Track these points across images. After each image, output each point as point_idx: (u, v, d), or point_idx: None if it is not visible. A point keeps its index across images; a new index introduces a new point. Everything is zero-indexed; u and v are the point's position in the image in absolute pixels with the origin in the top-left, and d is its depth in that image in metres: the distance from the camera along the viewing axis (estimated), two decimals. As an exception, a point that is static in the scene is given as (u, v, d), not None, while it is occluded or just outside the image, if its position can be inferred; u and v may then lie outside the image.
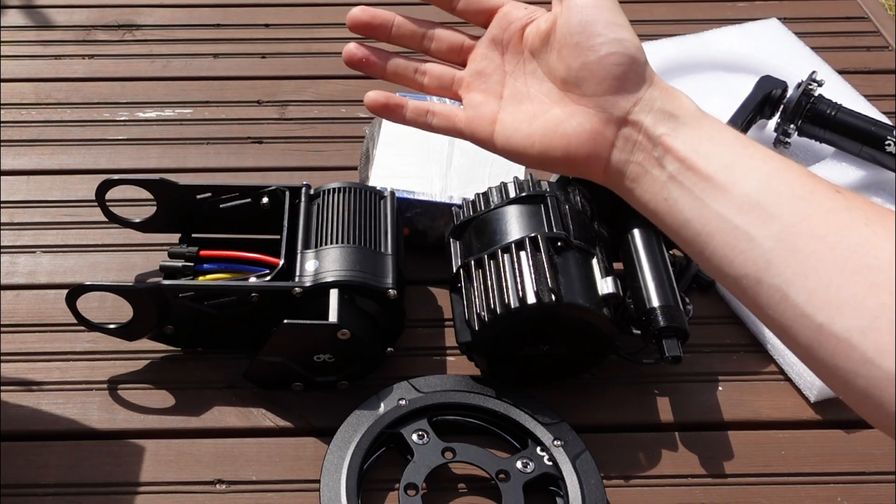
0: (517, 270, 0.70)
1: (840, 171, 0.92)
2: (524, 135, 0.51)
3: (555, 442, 0.69)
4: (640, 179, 0.48)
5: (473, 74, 0.54)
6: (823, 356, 0.41)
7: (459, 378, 0.73)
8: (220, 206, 0.80)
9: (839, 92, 0.97)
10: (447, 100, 0.58)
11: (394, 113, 0.55)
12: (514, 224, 0.73)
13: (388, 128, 0.89)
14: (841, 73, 1.03)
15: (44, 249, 0.86)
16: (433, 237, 0.84)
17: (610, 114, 0.48)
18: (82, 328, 0.74)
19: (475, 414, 0.72)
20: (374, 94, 0.54)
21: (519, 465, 0.68)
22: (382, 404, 0.70)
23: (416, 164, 0.86)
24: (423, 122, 0.54)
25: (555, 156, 0.50)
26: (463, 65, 0.54)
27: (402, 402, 0.70)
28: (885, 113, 0.98)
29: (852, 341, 0.39)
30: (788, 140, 0.94)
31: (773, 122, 0.96)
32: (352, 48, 0.54)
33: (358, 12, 0.54)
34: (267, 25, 1.17)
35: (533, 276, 0.69)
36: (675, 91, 0.49)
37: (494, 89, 0.53)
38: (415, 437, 0.69)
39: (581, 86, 0.49)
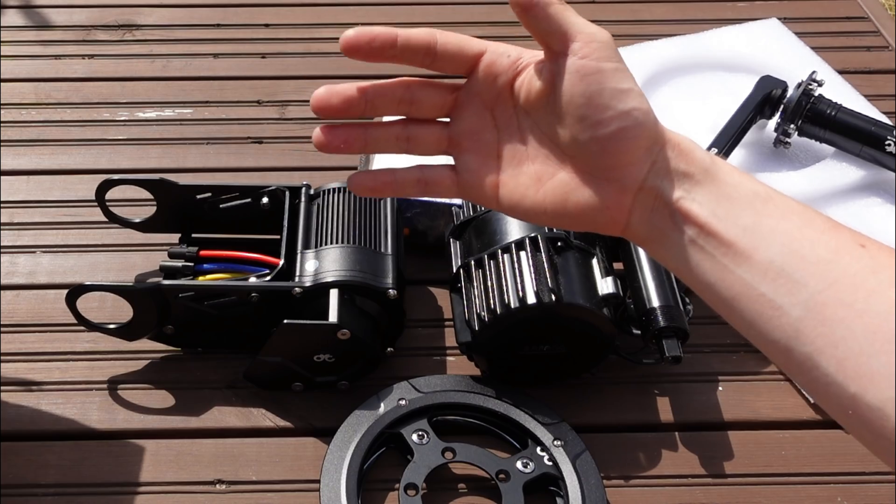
0: (517, 270, 0.70)
1: (840, 171, 0.92)
2: (533, 202, 0.47)
3: (555, 442, 0.69)
4: (660, 241, 0.46)
5: (462, 134, 0.49)
6: (859, 424, 0.40)
7: (459, 378, 0.73)
8: (220, 206, 0.80)
9: (839, 92, 0.97)
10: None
11: (383, 193, 0.51)
12: (514, 224, 0.73)
13: (388, 128, 0.89)
14: (841, 73, 1.03)
15: (44, 249, 0.86)
16: (433, 237, 0.84)
17: (623, 184, 0.46)
18: (82, 328, 0.74)
19: (475, 414, 0.72)
20: (360, 179, 0.50)
21: (519, 465, 0.68)
22: (382, 404, 0.70)
23: (416, 164, 0.86)
24: (418, 193, 0.51)
25: (569, 222, 0.48)
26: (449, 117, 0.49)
27: (402, 402, 0.70)
28: (885, 113, 0.98)
29: (886, 412, 0.39)
30: (788, 140, 0.94)
31: (773, 122, 0.96)
32: (320, 137, 0.48)
33: (323, 95, 0.47)
34: (267, 25, 1.17)
35: (533, 276, 0.69)
36: (686, 144, 0.46)
37: (489, 149, 0.48)
38: (415, 437, 0.69)
39: (591, 159, 0.46)
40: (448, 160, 0.51)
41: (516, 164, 0.48)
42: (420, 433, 0.69)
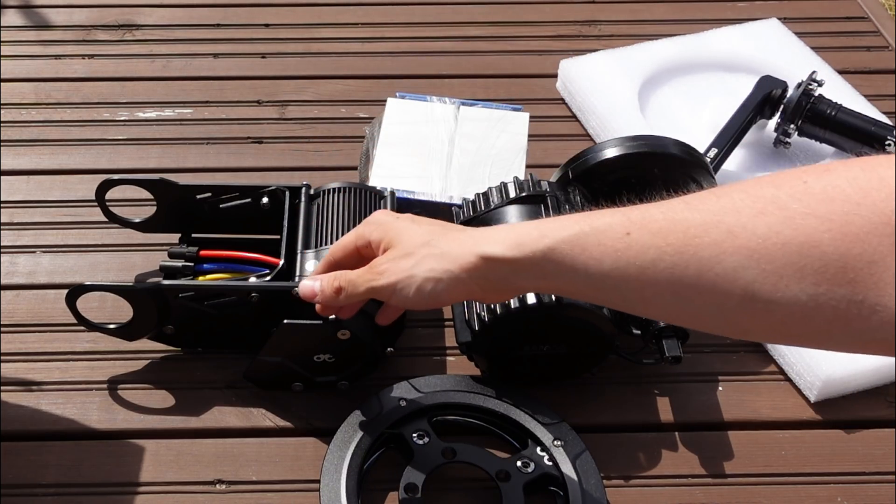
0: (517, 270, 0.70)
1: (840, 171, 0.92)
2: None
3: (555, 442, 0.69)
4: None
5: None
6: None
7: (459, 378, 0.73)
8: (220, 206, 0.80)
9: (839, 92, 0.97)
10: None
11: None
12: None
13: (388, 128, 0.89)
14: (841, 73, 1.03)
15: (44, 249, 0.86)
16: (433, 237, 0.84)
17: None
18: (82, 328, 0.74)
19: (475, 414, 0.72)
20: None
21: (519, 465, 0.68)
22: (382, 404, 0.70)
23: (416, 164, 0.86)
24: None
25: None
26: None
27: (402, 403, 0.70)
28: (885, 113, 0.98)
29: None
30: (788, 140, 0.94)
31: (773, 122, 0.96)
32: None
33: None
34: (267, 25, 1.17)
35: (533, 276, 0.69)
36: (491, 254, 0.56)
37: None
38: (415, 437, 0.69)
39: None
40: None
41: None
42: (420, 433, 0.69)
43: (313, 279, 0.64)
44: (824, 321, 0.44)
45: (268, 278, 0.73)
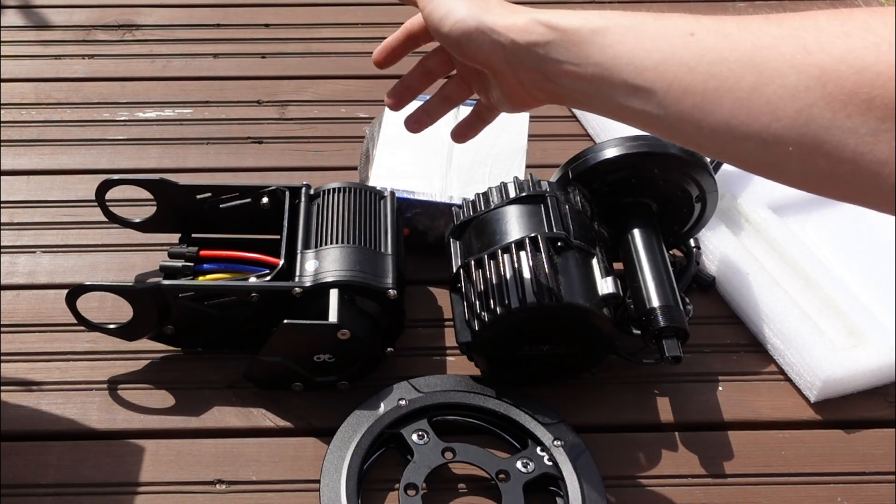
0: (517, 270, 0.70)
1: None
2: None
3: (555, 442, 0.69)
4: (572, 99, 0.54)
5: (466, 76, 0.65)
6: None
7: (459, 378, 0.73)
8: (220, 206, 0.80)
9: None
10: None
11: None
12: (514, 224, 0.73)
13: (388, 128, 0.89)
14: (841, 73, 1.03)
15: (44, 249, 0.86)
16: (433, 237, 0.84)
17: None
18: (82, 328, 0.74)
19: (475, 414, 0.72)
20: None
21: (519, 465, 0.68)
22: (382, 404, 0.70)
23: (416, 164, 0.86)
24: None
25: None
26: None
27: (402, 402, 0.70)
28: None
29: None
30: (788, 140, 0.94)
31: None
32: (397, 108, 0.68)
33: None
34: (267, 25, 1.17)
35: (533, 276, 0.69)
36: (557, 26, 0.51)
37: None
38: (415, 437, 0.69)
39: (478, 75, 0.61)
40: None
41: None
42: (420, 433, 0.69)
43: None
44: (874, 162, 0.41)
45: (268, 278, 0.73)
